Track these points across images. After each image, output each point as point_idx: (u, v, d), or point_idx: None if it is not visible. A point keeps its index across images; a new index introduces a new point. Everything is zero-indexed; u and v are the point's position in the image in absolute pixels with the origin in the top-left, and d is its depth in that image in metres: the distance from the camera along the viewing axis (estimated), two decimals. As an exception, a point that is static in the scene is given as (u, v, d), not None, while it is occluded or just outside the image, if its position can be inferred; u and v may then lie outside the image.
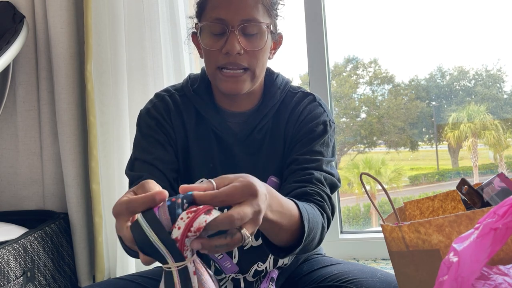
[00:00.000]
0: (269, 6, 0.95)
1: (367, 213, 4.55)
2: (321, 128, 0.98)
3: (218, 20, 0.91)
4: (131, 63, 1.62)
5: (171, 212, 0.55)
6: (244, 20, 0.91)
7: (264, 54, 0.96)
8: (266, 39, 0.94)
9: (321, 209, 0.87)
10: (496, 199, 0.78)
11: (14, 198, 1.70)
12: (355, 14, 3.56)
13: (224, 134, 0.99)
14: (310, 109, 1.01)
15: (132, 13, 1.62)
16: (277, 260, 1.00)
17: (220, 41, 0.92)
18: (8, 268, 1.25)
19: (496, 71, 3.93)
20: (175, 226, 0.55)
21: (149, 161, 0.96)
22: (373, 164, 4.87)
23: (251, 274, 0.99)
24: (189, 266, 0.56)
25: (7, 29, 1.54)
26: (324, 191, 0.90)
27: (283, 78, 1.06)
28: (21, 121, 1.67)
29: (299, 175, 0.91)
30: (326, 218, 0.88)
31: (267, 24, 0.94)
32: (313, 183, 0.89)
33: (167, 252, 0.55)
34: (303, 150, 0.95)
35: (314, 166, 0.93)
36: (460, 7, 3.67)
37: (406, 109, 4.23)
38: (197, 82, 1.03)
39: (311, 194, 0.87)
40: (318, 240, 0.85)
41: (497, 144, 3.96)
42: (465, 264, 0.53)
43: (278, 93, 1.02)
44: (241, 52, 0.91)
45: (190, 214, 0.55)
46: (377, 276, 0.91)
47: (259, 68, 0.95)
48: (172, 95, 1.03)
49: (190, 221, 0.54)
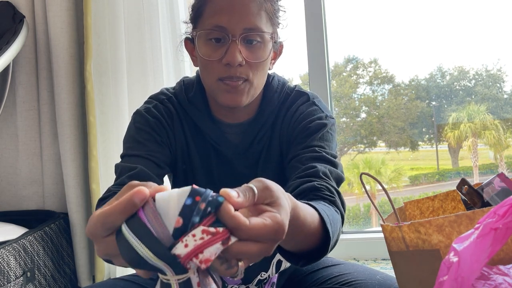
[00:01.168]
0: (272, 13, 0.89)
1: (367, 213, 4.55)
2: (316, 124, 0.92)
3: (218, 28, 0.85)
4: (131, 63, 1.62)
5: (185, 215, 0.43)
6: (247, 29, 0.85)
7: (265, 65, 0.91)
8: (268, 50, 0.89)
9: (335, 206, 0.80)
10: (496, 199, 0.78)
11: (14, 198, 1.70)
12: (355, 14, 3.56)
13: (223, 147, 0.95)
14: (302, 109, 0.96)
15: (132, 13, 1.62)
16: (279, 266, 0.98)
17: (219, 50, 0.86)
18: (8, 268, 1.25)
19: (496, 71, 3.93)
20: (182, 241, 0.42)
21: (143, 155, 0.89)
22: (373, 164, 4.87)
23: (254, 283, 0.98)
24: (192, 277, 0.45)
25: (7, 29, 1.54)
26: (332, 185, 0.83)
27: (279, 79, 1.01)
28: (21, 121, 1.67)
29: (302, 170, 0.85)
30: (340, 215, 0.80)
31: (270, 34, 0.89)
32: (319, 176, 0.82)
33: (164, 265, 0.43)
34: (301, 146, 0.90)
35: (316, 160, 0.87)
36: (460, 7, 3.67)
37: (406, 109, 4.23)
38: (193, 90, 0.98)
39: (320, 189, 0.80)
40: (336, 240, 0.77)
41: (497, 144, 3.96)
42: (465, 264, 0.53)
43: (276, 97, 0.97)
44: (243, 63, 0.85)
45: (206, 235, 0.43)
46: (376, 278, 0.90)
47: (258, 79, 0.90)
48: (170, 98, 0.98)
49: (203, 245, 0.43)
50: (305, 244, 0.67)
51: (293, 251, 0.68)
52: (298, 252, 0.69)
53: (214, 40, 0.86)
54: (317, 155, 0.87)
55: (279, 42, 0.96)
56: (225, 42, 0.86)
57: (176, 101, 0.98)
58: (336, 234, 0.74)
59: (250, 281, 0.98)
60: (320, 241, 0.69)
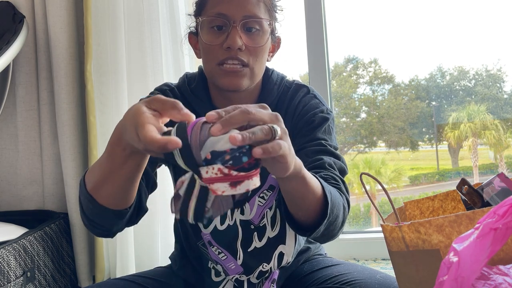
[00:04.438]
0: (270, 6, 0.96)
1: (367, 213, 4.55)
2: (320, 117, 0.97)
3: (220, 15, 0.91)
4: (131, 63, 1.62)
5: (214, 155, 0.55)
6: (246, 16, 0.91)
7: (264, 52, 0.96)
8: (266, 37, 0.94)
9: (340, 191, 0.87)
10: (496, 199, 0.78)
11: (14, 198, 1.70)
12: (355, 14, 3.56)
13: None
14: (305, 101, 1.00)
15: (132, 13, 1.62)
16: (281, 259, 0.99)
17: (221, 36, 0.92)
18: (8, 268, 1.25)
19: (496, 71, 3.93)
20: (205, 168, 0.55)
21: None
22: (373, 164, 4.87)
23: (256, 275, 0.99)
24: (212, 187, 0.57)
25: (7, 29, 1.54)
26: (337, 175, 0.90)
27: (278, 74, 1.06)
28: (21, 121, 1.67)
29: (309, 162, 0.90)
30: (345, 198, 0.87)
31: (269, 21, 0.94)
32: (325, 168, 0.89)
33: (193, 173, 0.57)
34: (306, 139, 0.95)
35: (322, 152, 0.92)
36: (460, 7, 3.67)
37: (406, 109, 4.23)
38: (195, 82, 1.03)
39: (326, 179, 0.86)
40: (341, 222, 0.85)
41: (497, 144, 3.96)
42: (465, 264, 0.53)
43: (275, 89, 1.02)
44: (242, 47, 0.91)
45: (220, 173, 0.55)
46: (376, 278, 0.91)
47: (258, 66, 0.95)
48: (172, 90, 1.03)
49: (215, 179, 0.55)
50: (308, 206, 0.76)
51: (298, 218, 0.78)
52: (301, 221, 0.79)
53: (216, 28, 0.92)
54: (322, 148, 0.93)
55: (277, 36, 1.02)
56: (227, 29, 0.92)
57: (179, 93, 1.03)
58: (336, 208, 0.81)
59: (251, 272, 0.98)
60: (321, 212, 0.78)
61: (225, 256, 0.98)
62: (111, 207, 0.78)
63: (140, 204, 0.87)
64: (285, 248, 0.99)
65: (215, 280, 1.03)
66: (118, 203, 0.78)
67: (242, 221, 0.98)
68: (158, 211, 1.59)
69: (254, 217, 0.98)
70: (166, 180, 1.45)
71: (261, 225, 0.98)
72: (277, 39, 1.03)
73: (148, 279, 1.03)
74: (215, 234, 0.99)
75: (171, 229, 1.31)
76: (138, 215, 0.88)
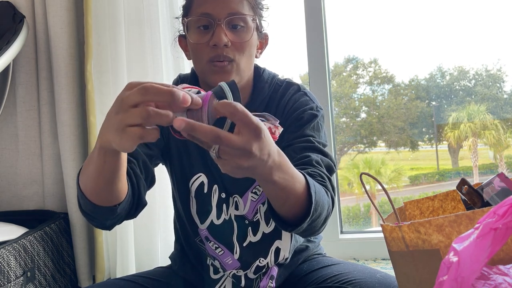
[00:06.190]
0: (254, 3, 0.98)
1: (367, 213, 4.55)
2: (309, 113, 0.98)
3: (205, 15, 0.94)
4: (131, 63, 1.62)
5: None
6: (231, 13, 0.94)
7: (251, 48, 0.97)
8: (251, 32, 0.96)
9: (325, 188, 0.87)
10: (496, 199, 0.78)
11: (14, 198, 1.70)
12: (355, 14, 3.56)
13: None
14: (295, 98, 1.01)
15: (132, 13, 1.62)
16: (278, 255, 1.00)
17: (207, 35, 0.94)
18: (8, 268, 1.25)
19: (496, 71, 3.93)
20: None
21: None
22: (373, 164, 4.87)
23: (253, 270, 1.00)
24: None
25: (7, 29, 1.54)
26: (323, 172, 0.90)
27: (270, 72, 1.07)
28: (21, 121, 1.67)
29: (296, 159, 0.91)
30: (330, 196, 0.88)
31: (252, 17, 0.96)
32: (312, 165, 0.89)
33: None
34: (294, 135, 0.96)
35: (309, 149, 0.93)
36: (460, 7, 3.67)
37: (406, 109, 4.23)
38: (187, 81, 1.04)
39: (313, 175, 0.87)
40: (324, 218, 0.85)
41: (497, 144, 3.96)
42: (465, 264, 0.53)
43: (266, 87, 1.03)
44: (228, 44, 0.93)
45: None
46: (376, 277, 0.91)
47: (244, 61, 0.96)
48: None
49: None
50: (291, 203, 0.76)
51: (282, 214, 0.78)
52: (285, 216, 0.79)
53: (202, 27, 0.95)
54: (310, 145, 0.94)
55: (264, 33, 1.04)
56: (212, 27, 0.94)
57: None
58: (320, 205, 0.80)
59: (248, 267, 0.99)
60: (306, 208, 0.78)
61: (222, 251, 1.00)
62: (99, 204, 0.79)
63: (140, 198, 0.88)
64: (282, 244, 1.00)
65: (214, 277, 1.03)
66: (104, 200, 0.79)
67: (237, 216, 1.00)
68: (158, 211, 1.59)
69: (248, 212, 1.00)
70: (166, 180, 1.45)
71: (255, 220, 1.00)
72: (264, 36, 1.05)
73: (148, 279, 1.03)
74: (211, 229, 1.01)
75: (171, 229, 1.31)
76: (137, 209, 0.89)
